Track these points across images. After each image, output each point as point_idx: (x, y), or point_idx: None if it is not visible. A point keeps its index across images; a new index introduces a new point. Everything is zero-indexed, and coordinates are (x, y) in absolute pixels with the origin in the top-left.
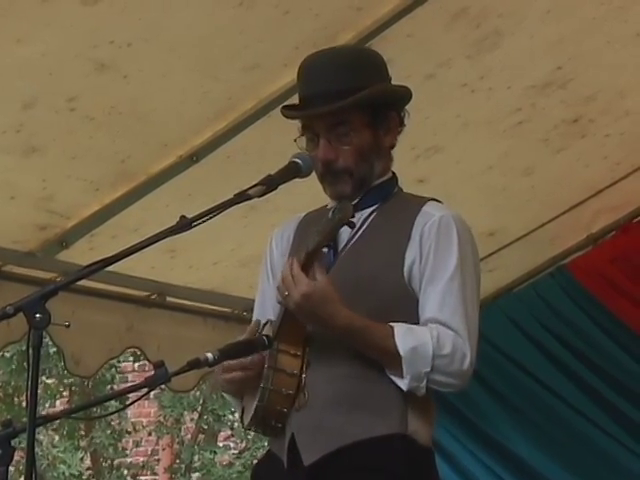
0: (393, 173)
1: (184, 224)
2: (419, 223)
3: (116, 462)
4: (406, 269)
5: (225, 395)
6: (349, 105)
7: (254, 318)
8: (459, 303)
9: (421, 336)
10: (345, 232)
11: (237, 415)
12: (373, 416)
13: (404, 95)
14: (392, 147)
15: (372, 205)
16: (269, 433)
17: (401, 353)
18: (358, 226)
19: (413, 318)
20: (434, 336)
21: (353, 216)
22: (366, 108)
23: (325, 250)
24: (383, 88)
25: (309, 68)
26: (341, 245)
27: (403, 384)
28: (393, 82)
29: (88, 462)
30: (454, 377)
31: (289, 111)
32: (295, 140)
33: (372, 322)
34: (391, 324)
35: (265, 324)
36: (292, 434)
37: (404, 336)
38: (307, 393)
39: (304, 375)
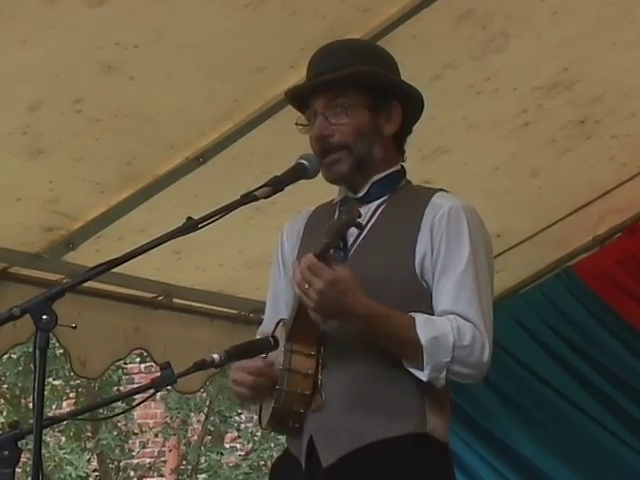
0: (402, 166)
1: (190, 225)
2: (428, 215)
3: (122, 463)
4: (417, 263)
5: (236, 397)
6: (343, 76)
7: (266, 313)
8: (474, 295)
9: (442, 326)
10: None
11: (244, 416)
12: (391, 416)
13: (408, 89)
14: (396, 139)
15: (379, 198)
16: (287, 433)
17: (422, 343)
18: (366, 220)
19: (427, 311)
20: (454, 327)
21: (360, 216)
22: (365, 90)
23: (332, 251)
24: (374, 69)
25: (317, 53)
26: (350, 241)
27: (423, 375)
28: None
29: (95, 464)
30: (473, 368)
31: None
32: (296, 123)
33: (393, 311)
34: (412, 314)
35: (277, 323)
36: (310, 436)
37: (425, 326)
38: (324, 394)
39: (320, 376)
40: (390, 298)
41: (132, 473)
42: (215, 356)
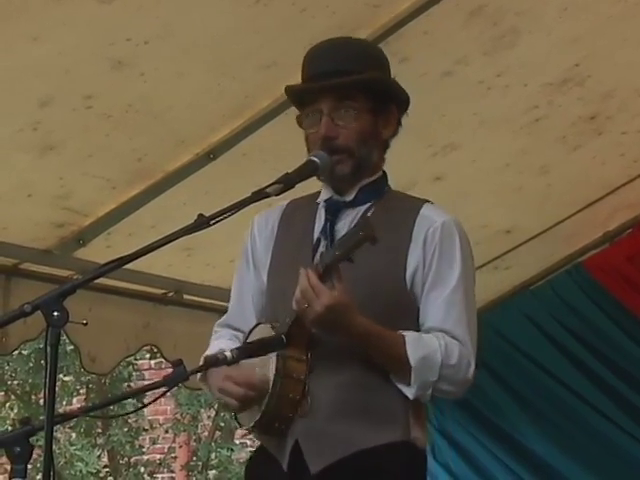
0: (383, 172)
1: (202, 222)
2: (420, 227)
3: (133, 460)
4: (409, 276)
5: (216, 400)
6: (355, 81)
7: (231, 305)
8: (462, 313)
9: (430, 345)
10: (342, 231)
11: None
12: (378, 424)
13: (403, 94)
14: (387, 143)
15: (366, 203)
16: (271, 435)
17: (412, 363)
18: (354, 224)
19: (413, 324)
20: (442, 345)
21: (375, 231)
22: (369, 93)
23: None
24: (387, 77)
25: (317, 51)
26: None
27: (410, 392)
28: (408, 80)
29: (105, 460)
30: (458, 386)
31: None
32: (297, 119)
33: (384, 330)
34: (402, 332)
35: (254, 327)
36: (296, 440)
37: (415, 345)
38: (310, 400)
39: (307, 380)
40: (377, 308)
41: (142, 469)
42: (227, 353)
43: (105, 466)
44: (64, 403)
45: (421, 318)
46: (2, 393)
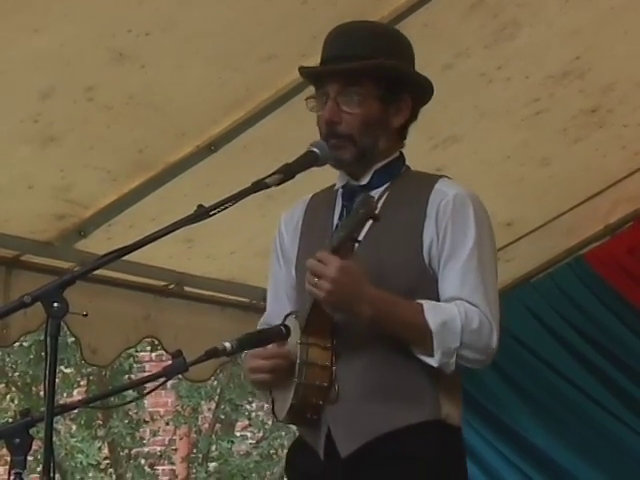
0: (400, 152)
1: (201, 213)
2: (433, 201)
3: (133, 451)
4: (425, 251)
5: (254, 386)
6: (360, 67)
7: (268, 305)
8: (479, 281)
9: (449, 312)
10: None
11: (255, 405)
12: (407, 404)
13: (421, 82)
14: (401, 130)
15: (381, 185)
16: (304, 425)
17: (432, 328)
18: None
19: (433, 299)
20: (461, 311)
21: (376, 208)
22: (380, 80)
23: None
24: (397, 64)
25: (336, 33)
26: None
27: (433, 361)
28: None
29: (106, 451)
30: (482, 353)
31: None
32: (306, 100)
33: (401, 299)
34: (419, 301)
35: (286, 316)
36: (328, 427)
37: (433, 312)
38: (338, 386)
39: (334, 367)
40: (398, 286)
41: (143, 461)
42: (227, 344)
43: (105, 458)
44: (65, 395)
45: (440, 291)
46: (3, 385)
